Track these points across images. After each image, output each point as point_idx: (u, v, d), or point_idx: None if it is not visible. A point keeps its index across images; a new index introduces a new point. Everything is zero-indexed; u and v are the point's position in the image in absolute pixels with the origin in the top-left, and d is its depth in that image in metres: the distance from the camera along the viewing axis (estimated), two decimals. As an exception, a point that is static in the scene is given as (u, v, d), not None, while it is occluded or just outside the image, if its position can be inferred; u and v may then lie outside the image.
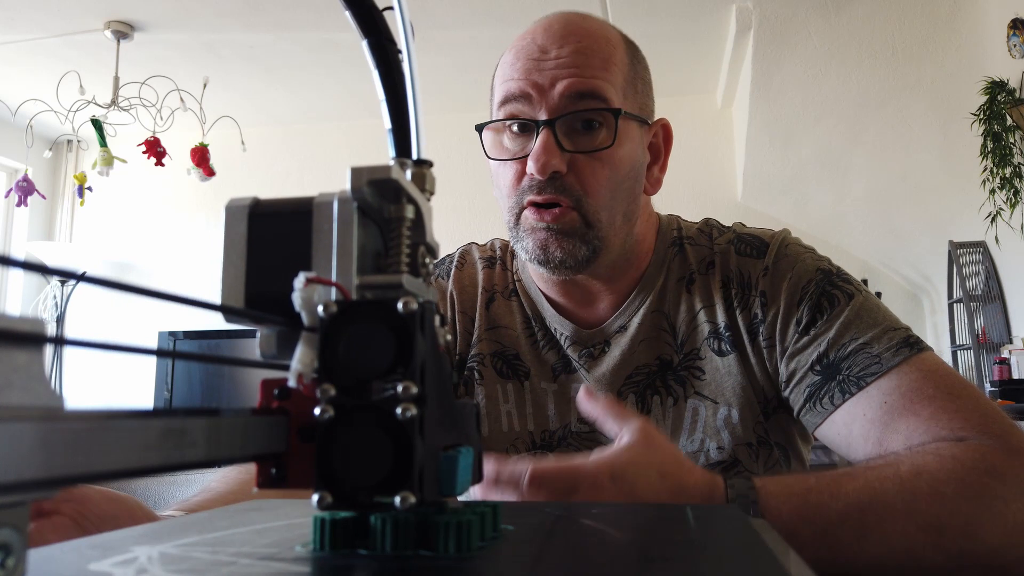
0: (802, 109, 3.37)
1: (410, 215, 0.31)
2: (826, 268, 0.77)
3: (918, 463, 0.58)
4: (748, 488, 0.54)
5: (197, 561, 0.27)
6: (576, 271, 0.76)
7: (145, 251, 4.45)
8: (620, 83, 0.75)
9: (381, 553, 0.28)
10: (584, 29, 0.76)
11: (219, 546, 0.30)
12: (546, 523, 0.34)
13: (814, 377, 0.71)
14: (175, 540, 0.31)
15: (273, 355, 0.30)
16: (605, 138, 0.73)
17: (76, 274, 0.20)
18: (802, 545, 0.52)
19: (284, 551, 0.29)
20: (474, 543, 0.28)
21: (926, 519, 0.54)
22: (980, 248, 3.25)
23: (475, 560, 0.26)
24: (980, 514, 0.54)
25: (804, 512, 0.54)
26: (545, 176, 0.72)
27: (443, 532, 0.27)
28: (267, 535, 0.32)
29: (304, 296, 0.28)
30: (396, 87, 0.35)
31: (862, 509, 0.54)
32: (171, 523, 0.36)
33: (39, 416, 0.18)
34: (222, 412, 0.25)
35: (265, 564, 0.27)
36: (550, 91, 0.72)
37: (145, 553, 0.28)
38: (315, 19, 3.19)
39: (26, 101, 3.53)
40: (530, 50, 0.75)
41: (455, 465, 0.30)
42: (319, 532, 0.28)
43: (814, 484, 0.57)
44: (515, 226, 0.77)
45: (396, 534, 0.27)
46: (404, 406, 0.27)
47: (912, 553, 0.53)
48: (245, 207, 0.30)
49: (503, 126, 0.77)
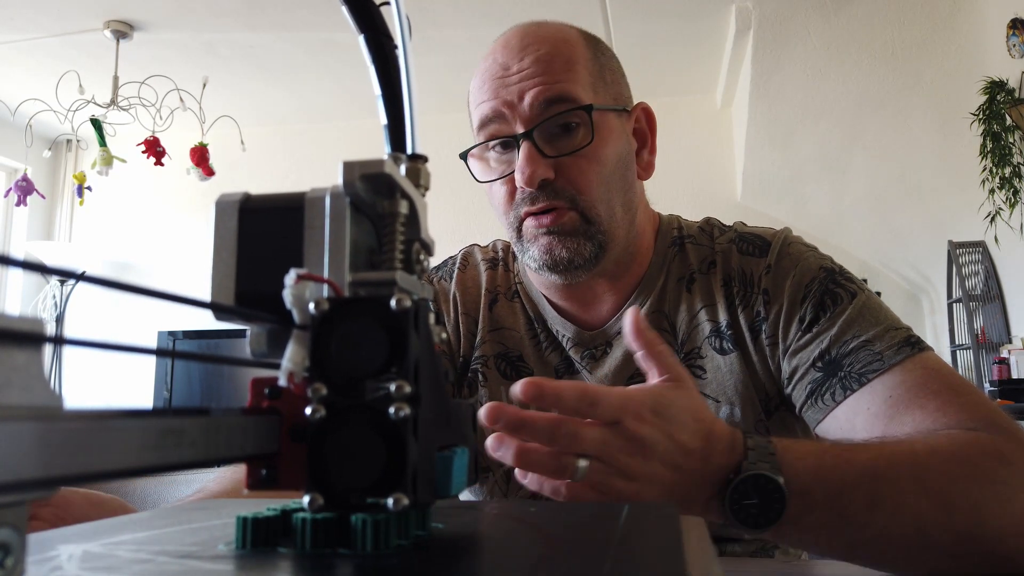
0: (801, 109, 3.36)
1: (404, 210, 0.31)
2: (829, 266, 0.77)
3: (932, 443, 0.58)
4: (767, 442, 0.54)
5: (115, 559, 0.27)
6: (585, 270, 0.76)
7: (144, 251, 4.45)
8: (587, 80, 0.76)
9: (300, 551, 0.27)
10: (540, 36, 0.77)
11: (145, 544, 0.30)
12: (477, 522, 0.34)
13: (816, 374, 0.71)
14: (105, 539, 0.31)
15: (264, 353, 0.29)
16: (584, 136, 0.74)
17: (75, 274, 0.20)
18: (814, 507, 0.52)
19: (206, 549, 0.28)
20: (392, 541, 0.27)
21: (937, 496, 0.54)
22: (979, 248, 3.25)
23: (390, 558, 0.26)
24: (989, 498, 0.54)
25: (819, 472, 0.53)
26: (534, 186, 0.73)
27: (360, 530, 0.27)
28: (198, 534, 0.32)
29: (295, 293, 0.27)
30: (392, 82, 0.35)
31: (875, 477, 0.54)
32: (110, 522, 0.36)
33: (38, 416, 0.18)
34: (212, 411, 0.25)
35: (180, 562, 0.26)
36: (520, 104, 0.74)
37: (68, 552, 0.28)
38: (315, 19, 3.19)
39: (25, 101, 3.53)
40: (493, 70, 0.76)
41: (450, 465, 0.30)
42: (241, 531, 0.28)
43: (830, 448, 0.57)
44: (518, 240, 0.78)
45: (315, 532, 0.27)
46: (397, 406, 0.26)
47: (921, 529, 0.53)
48: (235, 202, 0.30)
49: (486, 149, 0.78)
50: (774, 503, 0.51)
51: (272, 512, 0.29)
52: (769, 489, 0.51)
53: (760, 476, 0.51)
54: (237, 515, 0.29)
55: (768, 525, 0.51)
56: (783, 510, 0.51)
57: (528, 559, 0.27)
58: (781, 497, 0.51)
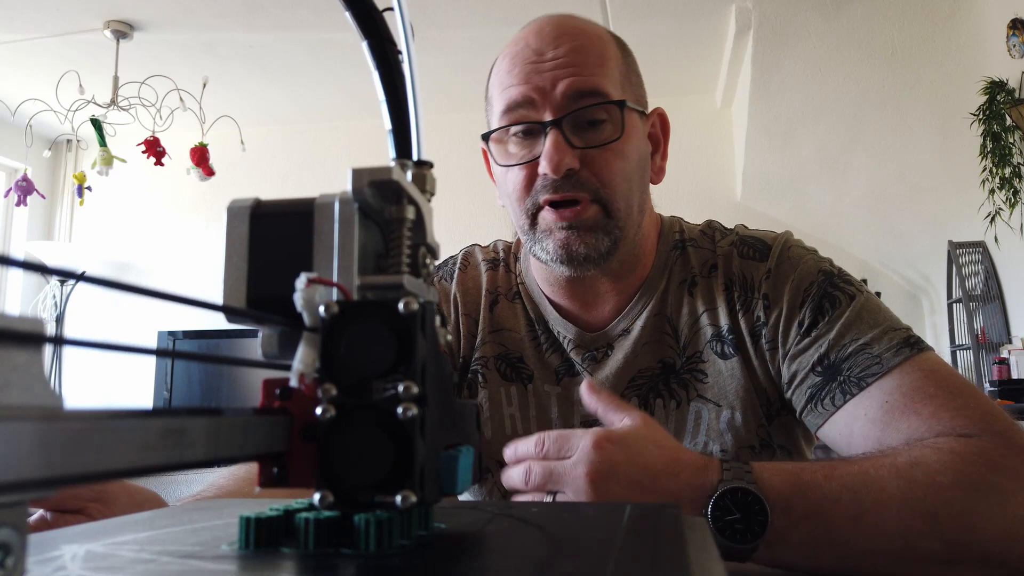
0: (801, 109, 3.37)
1: (411, 216, 0.31)
2: (827, 270, 0.77)
3: (915, 455, 0.58)
4: (742, 463, 0.56)
5: (118, 559, 0.27)
6: (597, 265, 0.76)
7: (144, 251, 4.45)
8: (617, 78, 0.76)
9: (303, 552, 0.27)
10: (576, 28, 0.77)
11: (147, 544, 0.30)
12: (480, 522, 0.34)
13: (815, 378, 0.71)
14: (108, 539, 0.31)
15: (275, 355, 0.30)
16: (612, 131, 0.75)
17: (75, 274, 0.20)
18: (798, 522, 0.53)
19: (209, 549, 0.28)
20: (395, 541, 0.27)
21: (921, 506, 0.54)
22: (979, 248, 3.25)
23: (393, 558, 0.26)
24: (977, 505, 0.55)
25: (798, 488, 0.55)
26: (560, 174, 0.72)
27: (363, 530, 0.27)
28: (200, 534, 0.32)
29: (306, 297, 0.28)
30: (396, 88, 0.36)
31: (856, 491, 0.55)
32: (112, 522, 0.36)
33: (38, 416, 0.18)
34: (224, 412, 0.25)
35: (183, 562, 0.27)
36: (552, 92, 0.73)
37: (71, 552, 0.28)
38: (315, 19, 3.19)
39: (25, 101, 3.53)
40: (526, 55, 0.75)
41: (455, 464, 0.30)
42: (244, 531, 0.28)
43: (808, 466, 0.58)
44: (530, 229, 0.77)
45: (319, 532, 0.27)
46: (405, 406, 0.27)
47: (908, 541, 0.54)
48: (247, 208, 0.30)
49: (507, 133, 0.77)
50: (756, 515, 0.52)
51: (275, 512, 0.29)
52: (749, 502, 0.53)
53: (738, 489, 0.53)
54: (240, 515, 0.29)
55: (755, 539, 0.52)
56: (766, 522, 0.52)
57: (532, 560, 0.27)
58: (762, 509, 0.52)
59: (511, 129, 0.76)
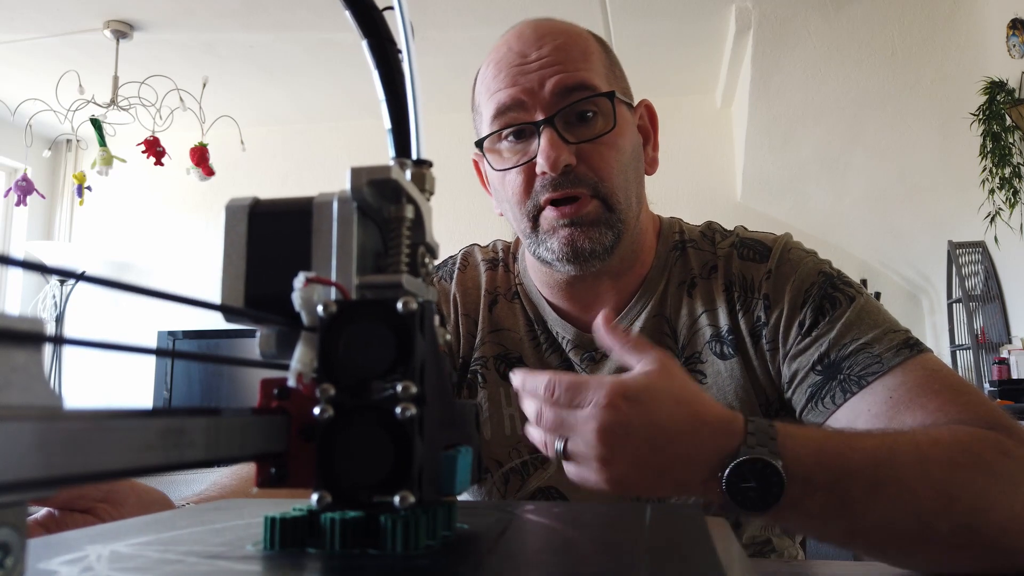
0: (801, 109, 3.37)
1: (410, 215, 0.31)
2: (828, 271, 0.77)
3: (935, 435, 0.58)
4: (768, 426, 0.53)
5: (145, 560, 0.27)
6: (602, 260, 0.76)
7: (144, 251, 4.45)
8: (602, 71, 0.77)
9: (330, 552, 0.27)
10: (556, 28, 0.78)
11: (172, 545, 0.30)
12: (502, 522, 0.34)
13: (815, 377, 0.72)
14: (130, 539, 0.31)
15: (273, 355, 0.30)
16: (604, 124, 0.75)
17: (75, 273, 0.20)
18: (815, 492, 0.52)
19: (234, 550, 0.28)
20: (421, 542, 0.27)
21: (939, 486, 0.54)
22: (979, 248, 3.25)
23: (419, 559, 0.26)
24: (990, 490, 0.54)
25: (821, 456, 0.53)
26: (558, 171, 0.73)
27: (390, 531, 0.27)
28: (223, 534, 0.32)
29: (304, 296, 0.28)
30: (396, 87, 0.35)
31: (877, 464, 0.54)
32: (132, 522, 0.36)
33: (38, 416, 0.18)
34: (222, 412, 0.25)
35: (211, 562, 0.27)
36: (540, 91, 0.74)
37: (96, 552, 0.28)
38: (314, 19, 3.19)
39: (25, 100, 3.53)
40: (510, 59, 0.76)
41: (455, 464, 0.30)
42: (269, 531, 0.28)
43: (833, 434, 0.57)
44: (533, 230, 0.77)
45: (344, 533, 0.27)
46: (404, 406, 0.27)
47: (921, 518, 0.53)
48: (245, 207, 0.30)
49: (499, 138, 0.78)
50: (772, 487, 0.51)
51: (299, 512, 0.29)
52: (767, 473, 0.51)
53: (757, 460, 0.51)
54: (265, 515, 0.29)
55: (767, 509, 0.51)
56: (781, 494, 0.51)
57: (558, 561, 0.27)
58: (779, 481, 0.51)
59: (504, 133, 0.77)
